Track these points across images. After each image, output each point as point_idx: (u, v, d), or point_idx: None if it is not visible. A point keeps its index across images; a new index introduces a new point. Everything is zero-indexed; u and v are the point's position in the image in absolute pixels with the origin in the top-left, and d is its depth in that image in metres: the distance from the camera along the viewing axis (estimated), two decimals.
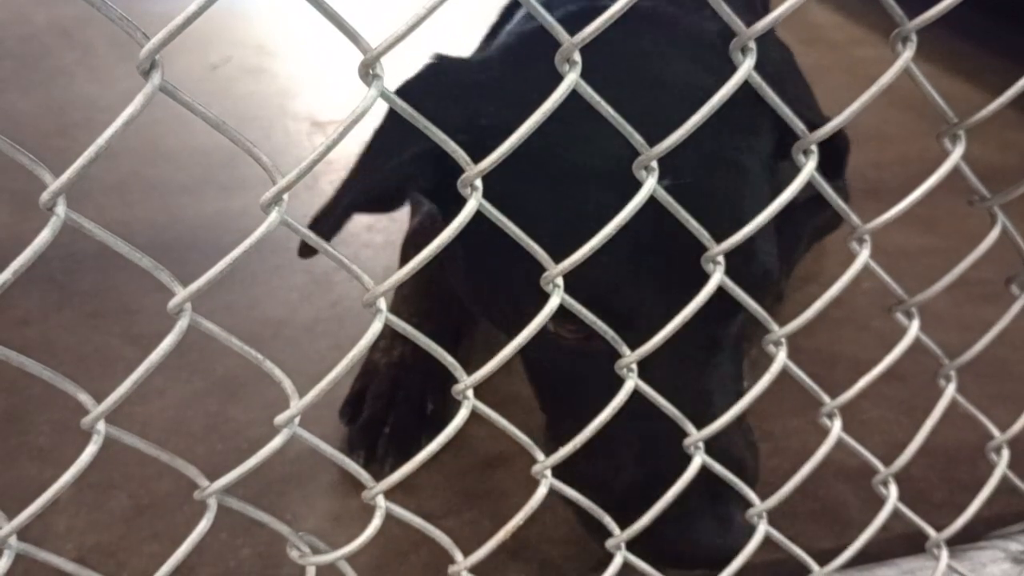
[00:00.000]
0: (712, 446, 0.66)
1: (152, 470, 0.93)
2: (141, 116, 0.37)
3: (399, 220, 1.42)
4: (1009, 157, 1.65)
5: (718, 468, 0.65)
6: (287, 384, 0.49)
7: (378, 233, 1.39)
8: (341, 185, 0.76)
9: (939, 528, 0.77)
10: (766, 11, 1.23)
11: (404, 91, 0.85)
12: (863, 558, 0.77)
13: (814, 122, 0.59)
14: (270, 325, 1.18)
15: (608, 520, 0.64)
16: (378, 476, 0.56)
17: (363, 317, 1.10)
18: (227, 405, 1.04)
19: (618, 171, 0.58)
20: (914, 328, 0.67)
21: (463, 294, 0.88)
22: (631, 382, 0.59)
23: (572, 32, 0.46)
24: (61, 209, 0.38)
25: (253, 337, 1.12)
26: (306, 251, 0.72)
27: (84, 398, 0.44)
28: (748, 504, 0.69)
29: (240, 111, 1.79)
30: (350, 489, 0.92)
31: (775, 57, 1.03)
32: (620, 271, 0.69)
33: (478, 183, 0.48)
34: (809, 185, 0.58)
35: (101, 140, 0.37)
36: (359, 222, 1.41)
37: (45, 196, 0.38)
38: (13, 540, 0.46)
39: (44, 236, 0.38)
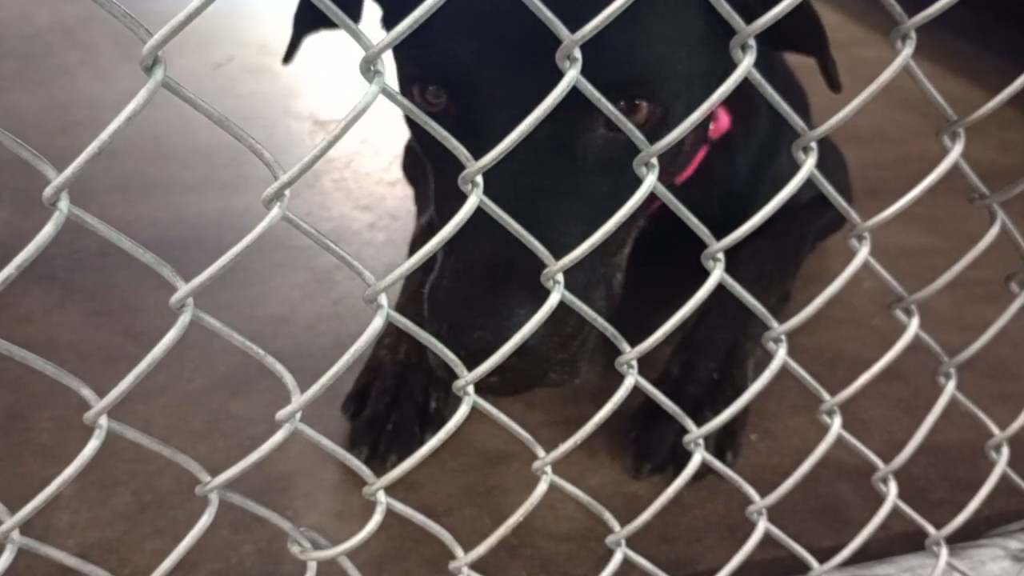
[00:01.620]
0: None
1: (154, 467, 0.93)
2: (143, 115, 0.37)
3: (401, 219, 1.42)
4: (1009, 157, 1.65)
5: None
6: (288, 379, 0.49)
7: (380, 231, 1.40)
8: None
9: (939, 526, 0.77)
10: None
11: None
12: (863, 556, 0.78)
13: None
14: (271, 323, 1.18)
15: (608, 516, 0.64)
16: (379, 472, 0.56)
17: (365, 315, 1.09)
18: (229, 403, 1.04)
19: None
20: (914, 325, 0.67)
21: None
22: (631, 379, 0.59)
23: None
24: (64, 204, 0.38)
25: (254, 335, 1.11)
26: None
27: (87, 393, 0.44)
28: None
29: (242, 110, 1.80)
30: (352, 486, 0.92)
31: None
32: (467, 48, 0.70)
33: (479, 179, 0.48)
34: (811, 185, 0.58)
35: (104, 135, 0.37)
36: (361, 220, 1.42)
37: (48, 191, 0.38)
38: (16, 535, 0.47)
39: (47, 231, 0.38)
